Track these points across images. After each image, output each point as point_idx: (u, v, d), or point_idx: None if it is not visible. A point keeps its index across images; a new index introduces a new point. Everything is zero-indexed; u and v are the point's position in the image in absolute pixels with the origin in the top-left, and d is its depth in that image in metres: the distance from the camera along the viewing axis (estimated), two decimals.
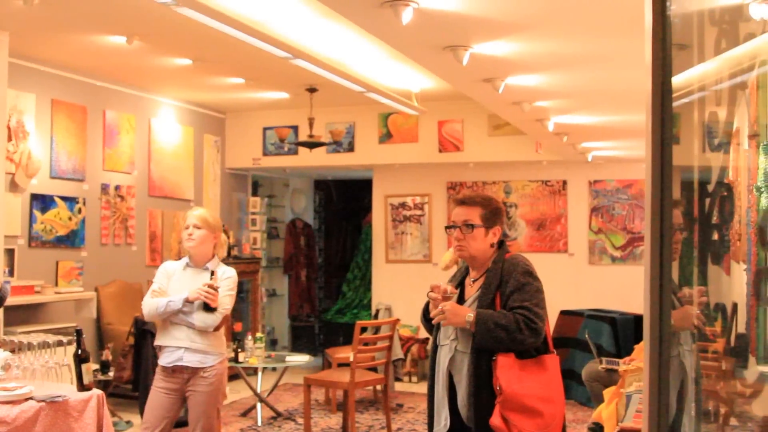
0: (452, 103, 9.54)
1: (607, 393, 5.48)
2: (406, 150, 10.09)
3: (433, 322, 3.61)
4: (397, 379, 9.98)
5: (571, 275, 10.08)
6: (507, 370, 3.42)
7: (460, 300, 3.69)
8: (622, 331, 8.57)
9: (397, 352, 9.44)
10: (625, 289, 9.14)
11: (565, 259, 10.19)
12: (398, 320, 7.94)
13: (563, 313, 9.18)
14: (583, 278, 10.07)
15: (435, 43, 4.57)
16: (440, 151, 9.92)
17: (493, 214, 3.68)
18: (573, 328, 8.88)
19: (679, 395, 1.90)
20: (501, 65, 5.13)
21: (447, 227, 3.82)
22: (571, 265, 10.16)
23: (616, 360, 6.42)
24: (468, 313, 3.48)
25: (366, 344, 7.26)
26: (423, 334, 10.17)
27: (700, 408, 1.99)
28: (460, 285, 3.78)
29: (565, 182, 10.24)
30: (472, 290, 3.68)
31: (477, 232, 3.64)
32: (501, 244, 3.72)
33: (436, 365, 3.68)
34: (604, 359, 6.79)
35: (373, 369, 7.88)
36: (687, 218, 1.90)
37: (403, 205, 10.87)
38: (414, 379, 10.15)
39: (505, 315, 3.44)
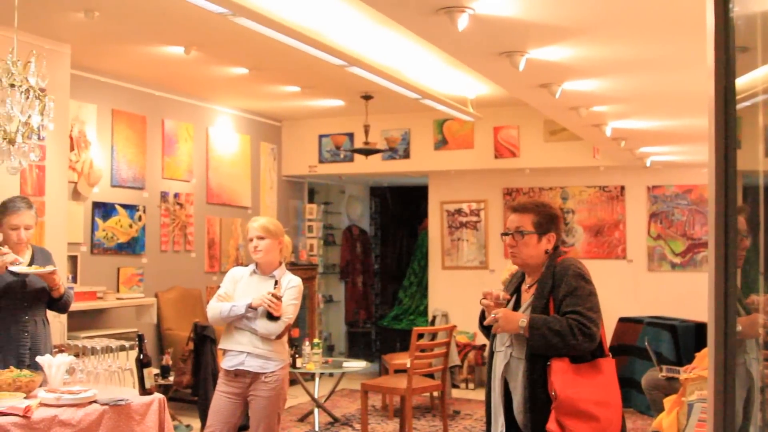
0: (508, 108, 9.50)
1: (668, 402, 5.41)
2: (461, 156, 10.07)
3: (493, 331, 3.59)
4: (454, 386, 9.95)
5: (629, 282, 9.97)
6: (561, 375, 3.39)
7: (517, 306, 3.68)
8: (683, 339, 8.44)
9: (454, 359, 9.41)
10: (686, 296, 9.01)
11: (624, 265, 10.08)
12: (455, 327, 7.92)
13: (622, 320, 9.07)
14: (642, 285, 9.94)
15: (491, 49, 4.56)
16: (496, 157, 9.89)
17: (547, 220, 3.65)
18: (632, 336, 8.77)
19: (745, 404, 1.87)
20: (558, 70, 5.10)
21: (502, 234, 3.81)
22: (629, 272, 10.04)
23: (677, 368, 6.33)
24: (521, 319, 3.46)
25: (423, 351, 7.25)
26: (480, 340, 10.14)
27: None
28: (516, 291, 3.77)
29: (623, 188, 10.13)
30: (527, 296, 3.67)
31: (529, 238, 3.62)
32: (555, 250, 3.69)
33: (492, 372, 3.68)
34: (664, 367, 6.70)
35: (430, 375, 7.87)
36: (752, 225, 1.87)
37: (459, 212, 10.85)
38: (471, 385, 10.12)
39: (559, 320, 3.41)
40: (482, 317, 3.72)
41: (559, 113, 6.91)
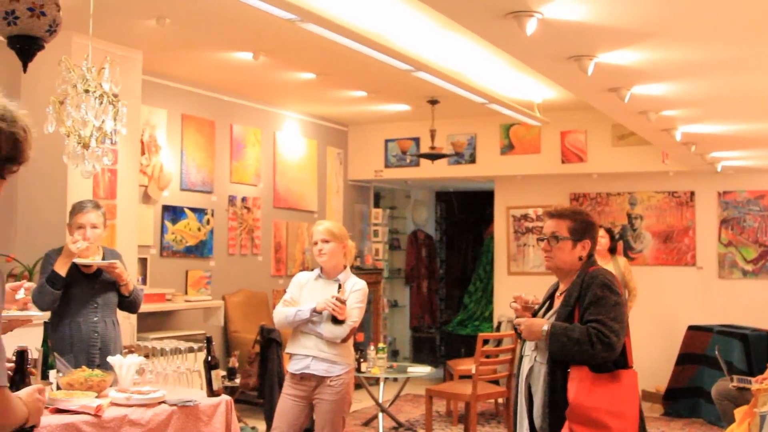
0: (575, 113, 9.40)
1: (739, 412, 5.30)
2: (528, 161, 10.00)
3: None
4: None
5: (699, 289, 9.78)
6: (578, 383, 3.42)
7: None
8: (755, 348, 8.25)
9: None
10: (758, 305, 8.81)
11: (693, 272, 9.89)
12: None
13: (691, 328, 8.91)
14: (712, 292, 9.74)
15: (559, 53, 4.53)
16: (563, 162, 9.80)
17: (583, 228, 3.70)
18: (701, 345, 8.61)
19: None
20: (627, 74, 5.05)
21: (538, 239, 3.86)
22: (699, 279, 9.85)
23: (748, 378, 6.20)
24: (543, 326, 3.51)
25: (488, 357, 7.22)
26: None
27: None
28: (550, 298, 3.82)
29: (692, 193, 9.95)
30: (557, 303, 3.70)
31: (564, 244, 3.68)
32: (589, 258, 3.72)
33: (519, 376, 3.73)
34: (735, 377, 6.55)
35: (495, 382, 7.83)
36: None
37: (525, 217, 10.77)
38: None
39: (579, 328, 3.44)
40: None
41: (627, 117, 6.83)
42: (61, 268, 4.59)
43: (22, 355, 2.70)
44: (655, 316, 9.61)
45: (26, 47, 3.50)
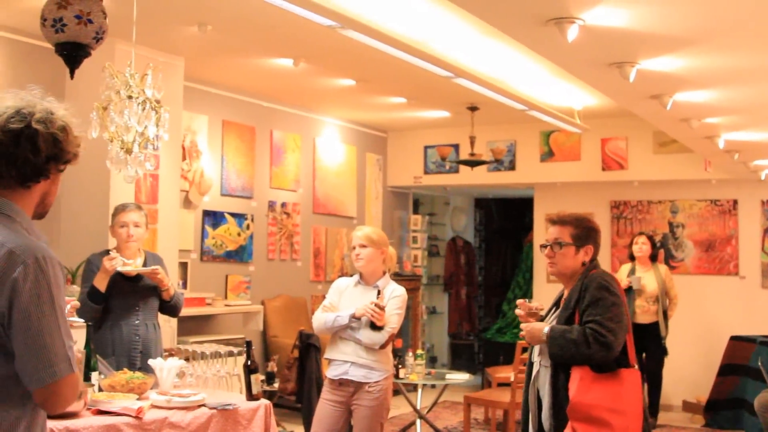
0: (616, 120, 9.33)
1: None
2: (568, 168, 9.94)
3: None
4: None
5: (742, 299, 9.64)
6: (579, 383, 3.48)
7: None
8: None
9: None
10: None
11: (736, 282, 9.76)
12: None
13: (733, 338, 8.78)
14: (756, 302, 9.60)
15: (601, 59, 4.51)
16: (603, 169, 9.73)
17: (585, 233, 3.79)
18: (744, 355, 8.48)
19: None
20: (669, 81, 5.00)
21: (541, 246, 3.94)
22: (742, 289, 9.71)
23: None
24: (544, 329, 3.59)
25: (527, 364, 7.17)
26: None
27: None
28: (557, 303, 3.86)
29: (735, 201, 9.83)
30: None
31: (566, 250, 3.76)
32: (591, 262, 3.78)
33: (528, 380, 3.80)
34: None
35: None
36: None
37: None
38: None
39: (577, 330, 3.50)
40: None
41: (669, 125, 6.77)
42: (101, 284, 4.66)
43: None
44: (697, 326, 9.50)
45: (73, 54, 3.56)
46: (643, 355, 8.28)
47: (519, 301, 3.86)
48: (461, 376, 8.17)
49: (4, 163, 2.18)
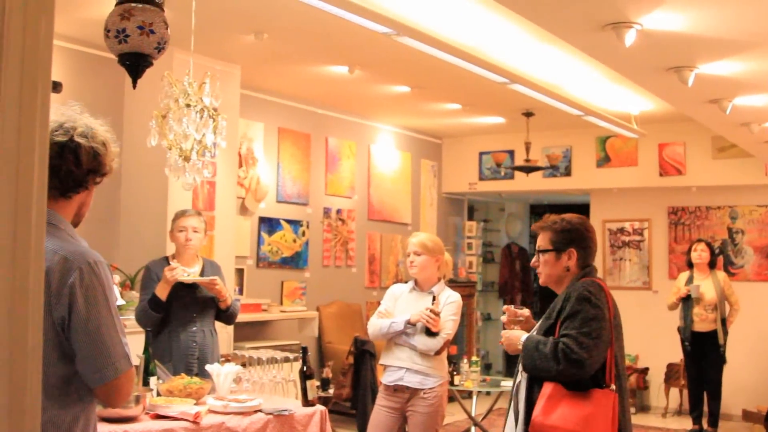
0: (674, 125, 9.21)
1: None
2: (624, 174, 9.84)
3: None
4: None
5: None
6: (545, 399, 3.24)
7: None
8: None
9: None
10: None
11: None
12: None
13: None
14: None
15: (659, 64, 4.46)
16: (661, 174, 9.60)
17: (565, 237, 3.49)
18: None
19: None
20: (729, 85, 4.93)
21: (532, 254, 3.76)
22: None
23: None
24: (521, 338, 3.40)
25: None
26: (642, 363, 9.85)
27: None
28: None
29: None
30: None
31: (547, 257, 3.51)
32: (584, 269, 3.51)
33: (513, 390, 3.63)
34: None
35: None
36: None
37: (621, 231, 10.59)
38: (632, 409, 9.81)
39: (550, 343, 3.26)
40: None
41: (728, 129, 6.67)
42: (162, 293, 4.72)
43: None
44: (756, 334, 9.32)
45: (136, 64, 3.62)
46: (702, 363, 8.16)
47: (505, 307, 3.69)
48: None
49: (49, 174, 2.25)
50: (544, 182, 10.29)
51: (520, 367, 3.51)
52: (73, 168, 2.29)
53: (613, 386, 3.30)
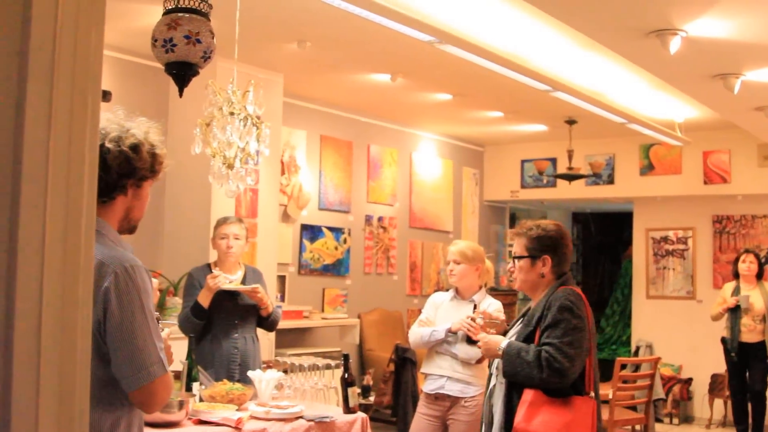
0: (719, 132, 9.10)
1: None
2: (668, 182, 9.74)
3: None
4: (658, 420, 9.57)
5: None
6: (526, 407, 3.28)
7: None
8: None
9: (658, 392, 9.06)
10: None
11: None
12: (659, 359, 7.64)
13: None
14: None
15: (704, 71, 4.42)
16: (705, 183, 9.49)
17: (540, 244, 3.54)
18: None
19: None
20: None
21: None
22: None
23: None
24: (501, 344, 3.42)
25: (626, 382, 7.05)
26: (686, 373, 9.73)
27: None
28: (524, 316, 3.67)
29: None
30: None
31: (522, 263, 3.56)
32: (561, 276, 3.53)
33: (486, 393, 3.65)
34: None
35: (633, 408, 7.62)
36: None
37: (665, 239, 10.47)
38: (675, 420, 9.71)
39: (533, 350, 3.31)
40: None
41: None
42: (204, 301, 4.76)
43: None
44: None
45: (182, 73, 3.66)
46: (746, 373, 8.05)
47: (483, 311, 3.78)
48: None
49: None
50: (586, 190, 10.22)
51: (495, 372, 3.56)
52: (102, 173, 2.26)
53: (592, 393, 3.38)
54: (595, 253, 13.87)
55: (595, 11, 3.62)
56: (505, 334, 3.67)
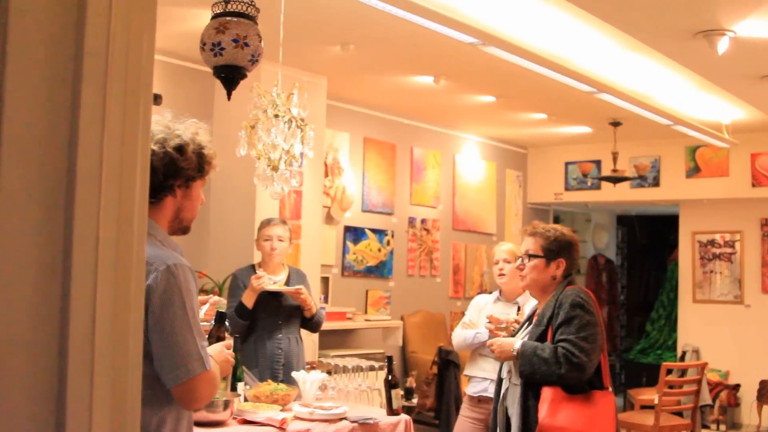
0: (767, 134, 8.97)
1: None
2: (715, 184, 9.61)
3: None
4: (705, 426, 9.45)
5: None
6: (549, 404, 3.33)
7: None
8: None
9: (705, 398, 8.95)
10: None
11: None
12: (706, 364, 7.54)
13: None
14: None
15: (752, 72, 4.36)
16: (753, 185, 9.35)
17: (557, 246, 3.62)
18: None
19: None
20: None
21: (517, 258, 3.83)
22: None
23: None
24: (515, 345, 3.46)
25: (672, 387, 6.97)
26: (733, 379, 9.60)
27: None
28: (530, 318, 3.73)
29: None
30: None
31: (536, 262, 3.61)
32: (567, 278, 3.62)
33: (498, 398, 3.67)
34: None
35: (679, 414, 7.54)
36: None
37: (712, 243, 10.34)
38: (722, 427, 9.58)
39: (549, 348, 3.35)
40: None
41: None
42: (249, 301, 4.80)
43: (221, 317, 2.94)
44: None
45: (231, 76, 3.70)
46: None
47: (489, 315, 3.83)
48: None
49: None
50: (631, 193, 10.13)
51: (507, 374, 3.61)
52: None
53: (610, 388, 3.48)
54: (640, 256, 13.74)
55: (641, 12, 3.59)
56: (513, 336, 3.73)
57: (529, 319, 3.77)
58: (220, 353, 2.52)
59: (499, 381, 3.73)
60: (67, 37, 1.05)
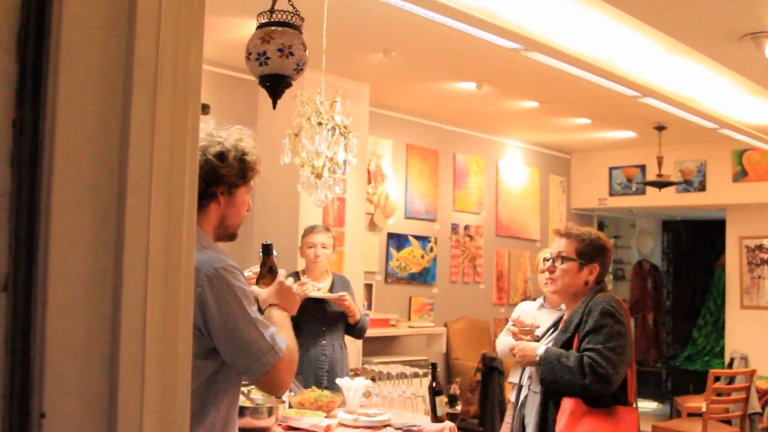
0: None
1: None
2: (763, 189, 9.47)
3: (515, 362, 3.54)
4: None
5: None
6: (568, 416, 3.13)
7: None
8: None
9: (754, 406, 8.80)
10: None
11: None
12: (755, 371, 7.43)
13: None
14: None
15: None
16: None
17: (592, 250, 3.41)
18: None
19: None
20: None
21: (544, 259, 3.61)
22: None
23: None
24: (538, 350, 3.29)
25: (719, 395, 6.88)
26: None
27: None
28: (556, 324, 3.57)
29: None
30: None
31: (569, 265, 3.40)
32: (598, 284, 3.42)
33: (516, 405, 3.52)
34: None
35: (727, 422, 7.44)
36: None
37: (759, 248, 10.19)
38: None
39: (574, 356, 3.16)
40: None
41: None
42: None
43: (267, 249, 2.90)
44: None
45: (276, 85, 3.72)
46: None
47: (514, 318, 3.69)
48: (648, 405, 7.93)
49: None
50: (677, 197, 10.01)
51: (527, 382, 3.47)
52: None
53: (635, 404, 3.28)
54: (686, 261, 13.58)
55: (686, 15, 3.56)
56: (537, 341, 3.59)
57: (555, 325, 3.62)
58: (278, 293, 2.55)
59: (519, 387, 3.62)
60: (118, 48, 1.07)
